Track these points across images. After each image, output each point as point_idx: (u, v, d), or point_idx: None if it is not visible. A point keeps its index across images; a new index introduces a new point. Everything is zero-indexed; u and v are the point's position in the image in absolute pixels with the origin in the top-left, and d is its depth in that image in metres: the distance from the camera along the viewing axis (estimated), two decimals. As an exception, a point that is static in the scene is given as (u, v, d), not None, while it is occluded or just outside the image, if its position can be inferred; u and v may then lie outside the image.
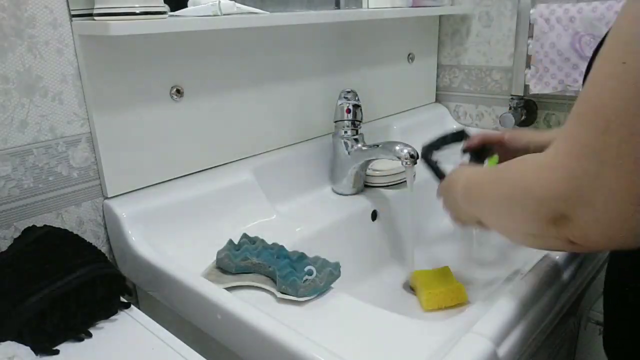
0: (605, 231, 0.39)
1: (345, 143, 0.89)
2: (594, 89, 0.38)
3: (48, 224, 0.64)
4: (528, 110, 1.12)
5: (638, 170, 0.35)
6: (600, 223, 0.39)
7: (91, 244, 0.60)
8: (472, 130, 0.91)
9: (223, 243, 0.66)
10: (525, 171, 0.45)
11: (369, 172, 0.94)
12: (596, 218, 0.39)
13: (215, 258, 0.65)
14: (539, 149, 0.67)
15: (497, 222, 0.54)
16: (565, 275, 0.59)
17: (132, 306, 0.58)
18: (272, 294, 0.60)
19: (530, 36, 1.04)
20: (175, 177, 0.78)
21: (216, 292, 0.57)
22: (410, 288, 0.81)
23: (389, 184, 0.94)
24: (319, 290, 0.59)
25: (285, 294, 0.58)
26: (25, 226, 0.63)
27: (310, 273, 0.59)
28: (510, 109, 1.13)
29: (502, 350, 0.47)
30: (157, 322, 0.55)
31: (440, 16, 1.26)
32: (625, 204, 0.37)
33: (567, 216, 0.40)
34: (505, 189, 0.49)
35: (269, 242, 0.67)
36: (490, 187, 0.53)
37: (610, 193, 0.37)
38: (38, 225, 0.63)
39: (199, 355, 0.49)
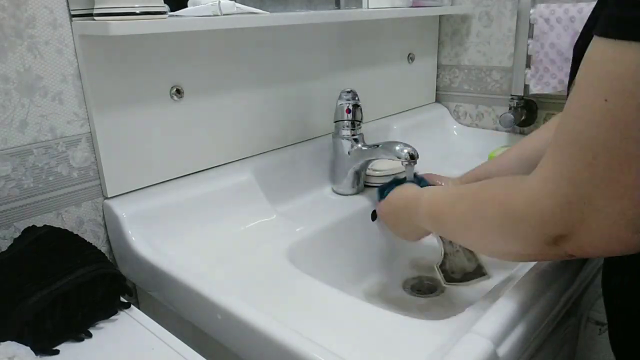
0: (602, 246, 0.42)
1: (345, 143, 0.89)
2: (577, 122, 0.40)
3: (48, 224, 0.64)
4: (528, 110, 1.12)
5: (628, 195, 0.38)
6: (598, 240, 0.41)
7: (91, 244, 0.60)
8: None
9: (223, 243, 0.66)
10: (514, 201, 0.46)
11: (369, 172, 0.94)
12: (593, 236, 0.41)
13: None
14: None
15: (480, 245, 0.55)
16: (565, 275, 0.59)
17: (132, 306, 0.58)
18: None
19: (530, 36, 1.03)
20: (175, 177, 0.78)
21: (216, 292, 0.57)
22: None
23: (389, 184, 0.94)
24: None
25: None
26: (25, 226, 0.63)
27: None
28: (510, 109, 1.13)
29: (502, 350, 0.47)
30: (157, 322, 0.55)
31: (440, 16, 1.26)
32: (618, 225, 0.39)
33: (565, 236, 0.42)
34: (491, 222, 0.49)
35: (269, 242, 0.67)
36: (469, 212, 0.53)
37: (604, 216, 0.39)
38: (38, 225, 0.63)
39: (199, 355, 0.49)
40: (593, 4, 0.97)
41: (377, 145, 0.85)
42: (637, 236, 0.39)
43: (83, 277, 0.53)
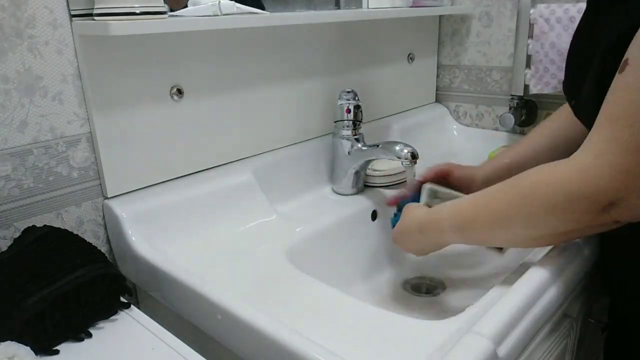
0: None
1: (345, 143, 0.89)
2: (633, 96, 0.43)
3: (48, 224, 0.64)
4: (528, 110, 1.12)
5: None
6: None
7: (91, 244, 0.60)
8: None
9: (223, 243, 0.66)
10: (565, 178, 0.48)
11: (369, 172, 0.94)
12: None
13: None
14: (485, 177, 0.76)
15: (518, 238, 0.56)
16: (565, 275, 0.59)
17: (132, 306, 0.58)
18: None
19: (530, 36, 1.03)
20: (175, 177, 0.78)
21: (216, 292, 0.57)
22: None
23: (389, 184, 0.94)
24: None
25: None
26: (25, 226, 0.63)
27: None
28: (510, 109, 1.13)
29: (502, 350, 0.47)
30: (157, 322, 0.55)
31: (440, 16, 1.26)
32: None
33: (617, 203, 0.46)
34: (539, 203, 0.51)
35: (269, 242, 0.67)
36: (512, 207, 0.54)
37: None
38: (38, 225, 0.63)
39: (199, 355, 0.49)
40: (593, 4, 0.96)
41: (377, 145, 0.85)
42: None
43: (83, 277, 0.53)
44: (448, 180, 0.76)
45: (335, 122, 0.90)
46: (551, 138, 0.74)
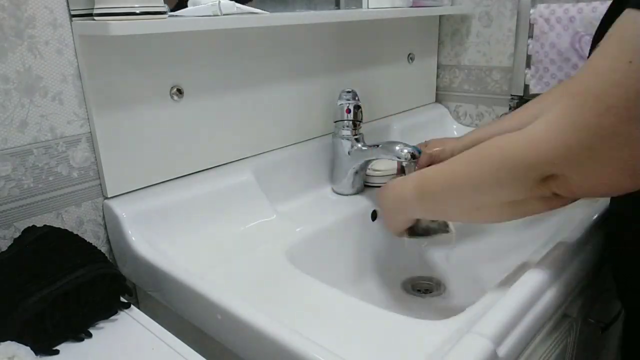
0: (589, 188, 0.48)
1: (345, 143, 0.89)
2: (596, 78, 0.44)
3: (48, 224, 0.64)
4: (528, 110, 1.12)
5: (630, 145, 0.42)
6: (589, 182, 0.47)
7: (91, 244, 0.60)
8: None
9: (223, 243, 0.66)
10: (514, 144, 0.50)
11: (369, 172, 0.94)
12: (585, 179, 0.46)
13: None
14: (452, 150, 0.77)
15: (467, 205, 0.58)
16: (565, 275, 0.59)
17: (132, 306, 0.58)
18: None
19: (530, 36, 1.04)
20: (175, 177, 0.78)
21: (216, 292, 0.57)
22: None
23: (389, 184, 0.94)
24: None
25: None
26: (25, 226, 0.63)
27: None
28: (510, 109, 1.13)
29: (502, 350, 0.47)
30: (157, 322, 0.55)
31: (440, 16, 1.26)
32: (616, 171, 0.44)
33: (556, 176, 0.48)
34: (489, 164, 0.53)
35: (269, 242, 0.67)
36: (466, 169, 0.57)
37: (601, 162, 0.44)
38: (38, 225, 0.63)
39: (199, 355, 0.49)
40: (593, 4, 0.97)
41: (377, 145, 0.85)
42: (630, 180, 0.44)
43: (83, 277, 0.53)
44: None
45: (335, 122, 0.90)
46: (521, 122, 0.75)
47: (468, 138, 0.80)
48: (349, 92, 0.89)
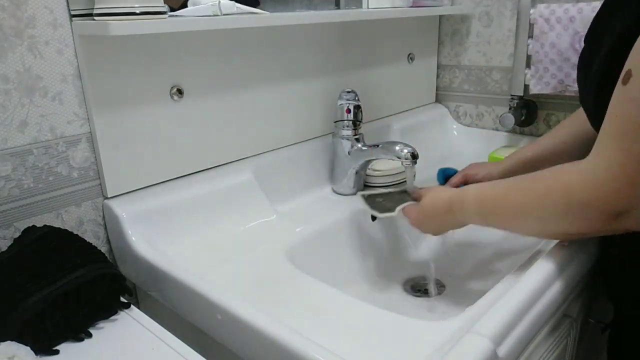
0: None
1: (345, 143, 0.89)
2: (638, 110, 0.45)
3: (48, 224, 0.64)
4: (528, 110, 1.12)
5: None
6: None
7: (91, 244, 0.60)
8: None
9: (223, 243, 0.67)
10: (576, 185, 0.50)
11: (369, 172, 0.94)
12: None
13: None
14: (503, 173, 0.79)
15: (538, 230, 0.58)
16: (565, 275, 0.59)
17: (132, 306, 0.58)
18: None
19: (530, 36, 1.03)
20: (175, 177, 0.78)
21: (216, 292, 0.57)
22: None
23: (389, 184, 0.94)
24: None
25: None
26: (25, 226, 0.63)
27: None
28: (510, 109, 1.13)
29: (502, 350, 0.47)
30: (157, 322, 0.55)
31: (440, 16, 1.26)
32: None
33: (627, 212, 0.48)
34: (553, 203, 0.53)
35: (269, 242, 0.67)
36: (527, 202, 0.56)
37: None
38: (38, 225, 0.63)
39: (199, 355, 0.49)
40: (593, 4, 0.97)
41: (377, 145, 0.85)
42: None
43: (83, 277, 0.53)
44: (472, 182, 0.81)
45: (335, 122, 0.90)
46: (572, 135, 0.77)
47: (509, 163, 0.82)
48: (349, 92, 0.89)
